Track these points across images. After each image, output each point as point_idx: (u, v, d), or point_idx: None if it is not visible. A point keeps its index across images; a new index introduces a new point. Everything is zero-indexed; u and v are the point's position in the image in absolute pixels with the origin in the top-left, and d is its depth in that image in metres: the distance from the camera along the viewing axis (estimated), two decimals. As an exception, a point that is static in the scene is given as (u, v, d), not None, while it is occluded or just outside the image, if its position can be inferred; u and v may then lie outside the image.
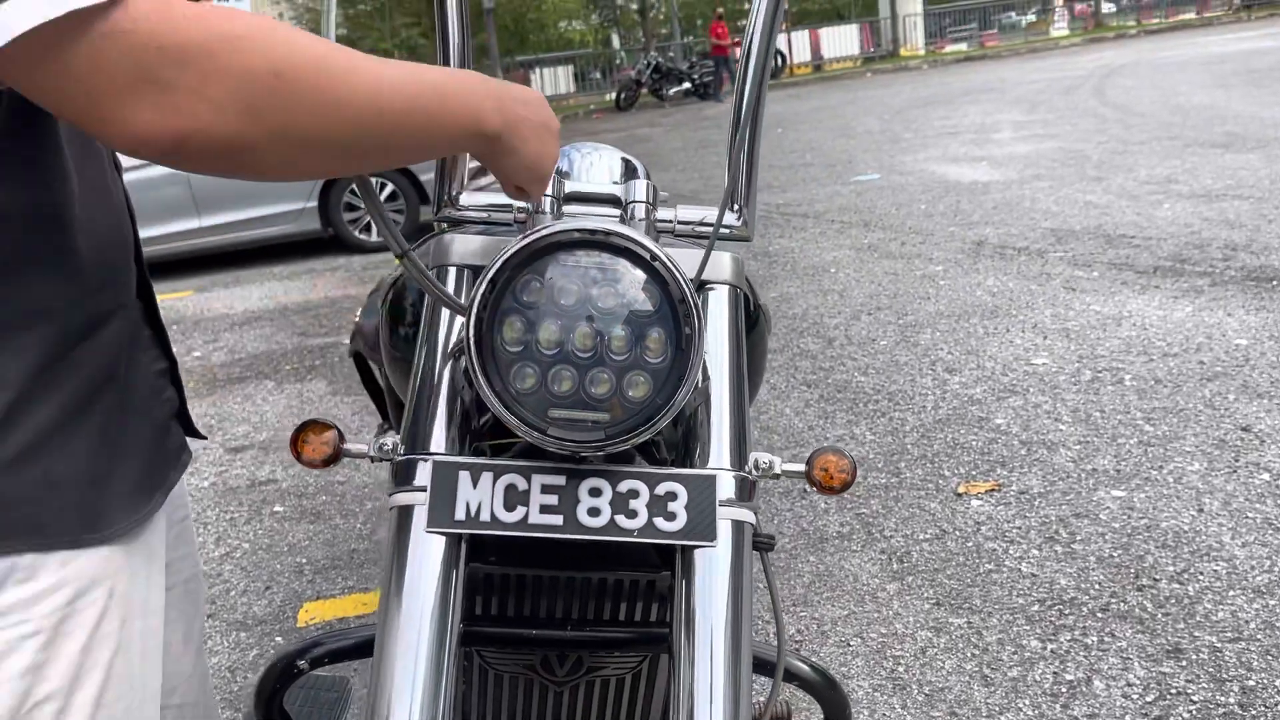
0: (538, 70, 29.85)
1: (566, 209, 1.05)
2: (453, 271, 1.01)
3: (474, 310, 0.85)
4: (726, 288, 1.02)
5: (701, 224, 1.08)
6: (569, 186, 1.06)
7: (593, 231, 0.87)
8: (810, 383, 3.72)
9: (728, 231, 1.07)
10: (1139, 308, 4.10)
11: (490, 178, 1.17)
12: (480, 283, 0.86)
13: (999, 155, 8.58)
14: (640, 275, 0.88)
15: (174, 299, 6.56)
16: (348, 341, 5.15)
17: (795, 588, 2.38)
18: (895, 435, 3.17)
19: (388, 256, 7.37)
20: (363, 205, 7.55)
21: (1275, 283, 4.17)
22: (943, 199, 6.93)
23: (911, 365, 3.78)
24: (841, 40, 27.66)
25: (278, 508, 3.16)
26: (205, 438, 1.03)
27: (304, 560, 2.79)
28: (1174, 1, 38.56)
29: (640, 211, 1.02)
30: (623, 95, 21.42)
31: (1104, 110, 10.92)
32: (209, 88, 0.57)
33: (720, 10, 24.71)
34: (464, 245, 1.02)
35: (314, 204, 7.46)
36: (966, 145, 9.45)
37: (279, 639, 2.41)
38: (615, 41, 40.98)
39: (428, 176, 7.49)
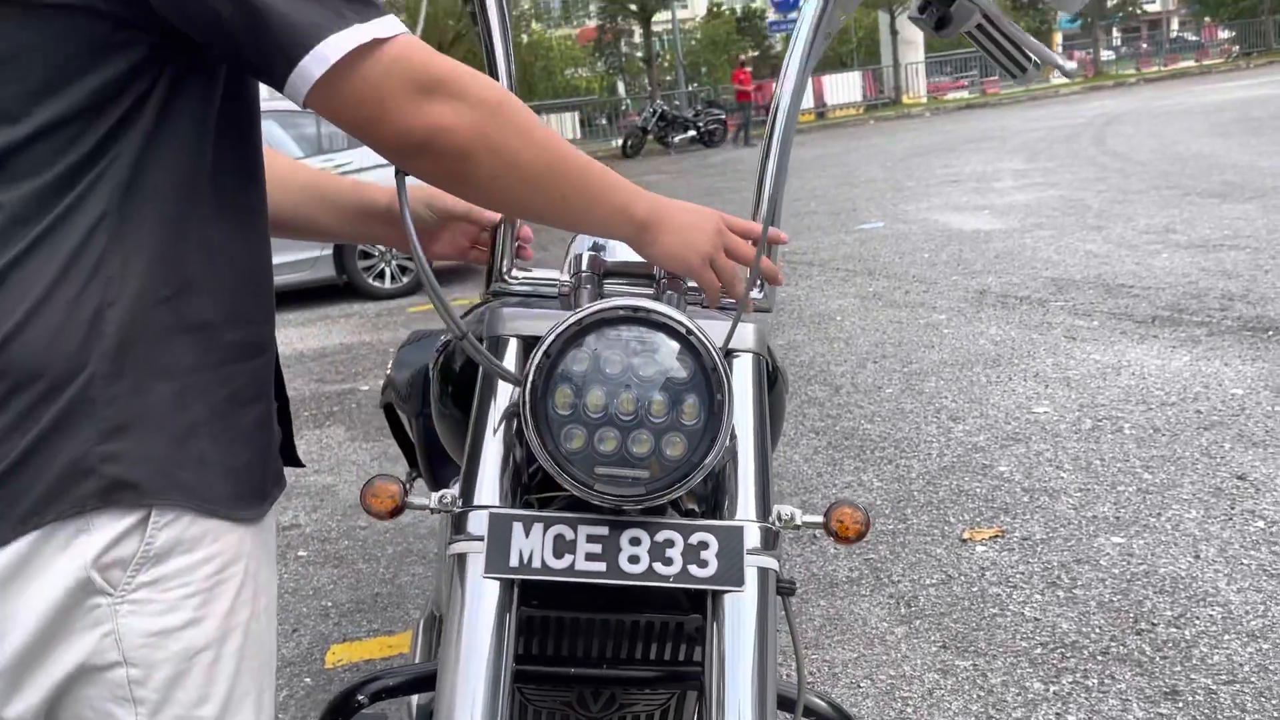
0: (545, 117, 30.29)
1: (606, 283, 1.17)
2: (511, 344, 1.12)
3: (529, 379, 0.96)
4: (751, 355, 1.13)
5: (726, 297, 1.19)
6: (608, 263, 1.17)
7: (634, 309, 0.98)
8: (818, 430, 3.82)
9: (751, 304, 1.18)
10: (1138, 357, 4.21)
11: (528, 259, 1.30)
12: (535, 355, 0.97)
13: (1000, 204, 8.74)
14: (675, 346, 0.99)
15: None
16: (366, 388, 5.23)
17: (807, 631, 2.47)
18: (902, 482, 3.27)
19: (400, 304, 7.51)
20: (377, 254, 7.71)
21: (1270, 333, 4.28)
22: (945, 247, 7.07)
23: (917, 413, 3.88)
24: (845, 87, 28.07)
25: (302, 552, 3.25)
26: (304, 465, 1.16)
27: (329, 604, 2.88)
28: (1173, 49, 39.09)
29: (674, 287, 1.14)
30: (629, 142, 21.72)
31: (1104, 158, 11.11)
32: (455, 101, 0.82)
33: (743, 57, 25.13)
34: (516, 317, 1.13)
35: (329, 252, 7.61)
36: (968, 194, 9.62)
37: (308, 680, 2.50)
38: (621, 88, 41.58)
39: (441, 225, 7.64)
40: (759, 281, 1.19)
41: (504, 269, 1.20)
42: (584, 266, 1.17)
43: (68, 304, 0.78)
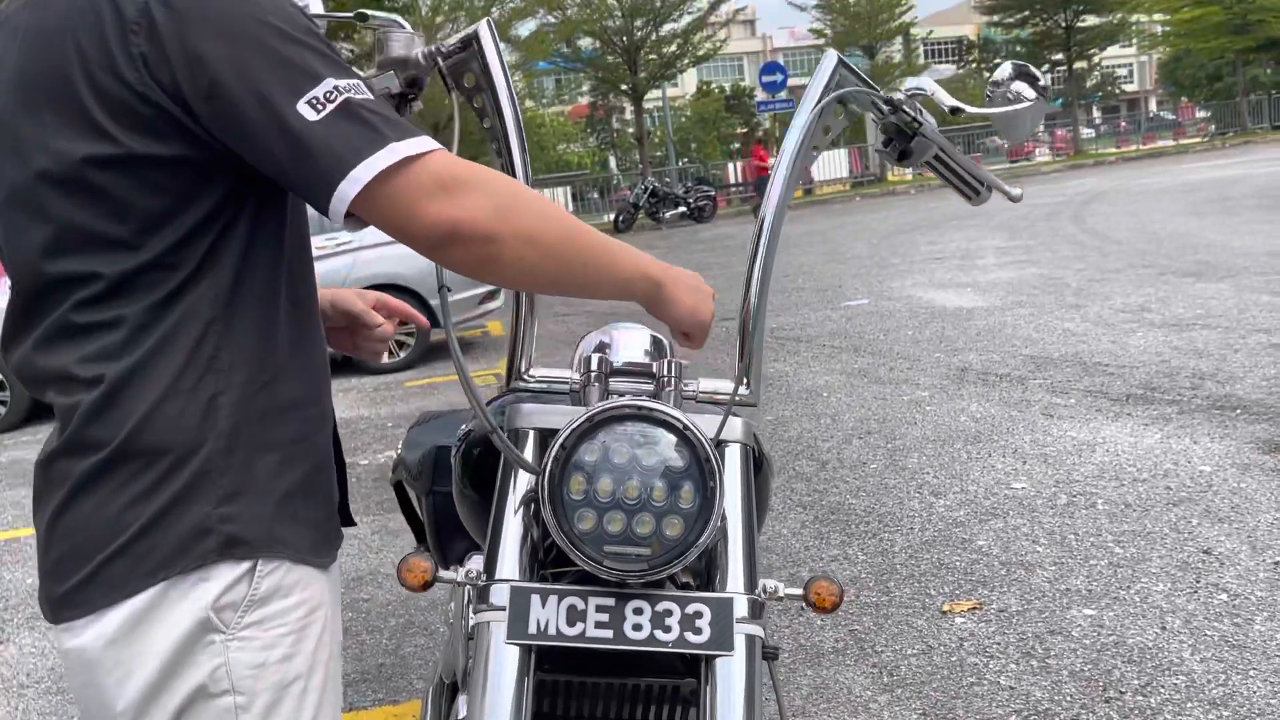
0: (538, 190, 30.75)
1: (612, 382, 1.33)
2: (528, 436, 1.28)
3: (547, 470, 1.12)
4: (739, 446, 1.29)
5: (717, 393, 1.36)
6: (613, 363, 1.34)
7: (639, 407, 1.15)
8: (805, 504, 3.97)
9: (739, 399, 1.35)
10: (1112, 434, 4.38)
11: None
12: (552, 447, 1.13)
13: (983, 281, 9.00)
14: (674, 439, 1.15)
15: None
16: (365, 462, 5.34)
17: (794, 699, 2.59)
18: (885, 555, 3.40)
19: (398, 379, 7.67)
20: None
21: (1237, 411, 4.47)
22: (929, 325, 7.28)
23: (900, 488, 4.03)
24: (832, 164, 28.65)
25: (307, 623, 3.35)
26: (356, 524, 1.32)
27: (335, 673, 2.98)
28: (1151, 128, 40.02)
29: (670, 384, 1.31)
30: (621, 218, 22.13)
31: (1083, 236, 11.43)
32: (477, 196, 0.95)
33: (761, 134, 25.80)
34: (534, 413, 1.29)
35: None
36: (952, 270, 9.88)
37: (316, 747, 2.59)
38: (613, 163, 42.33)
39: (438, 302, 7.83)
40: (745, 378, 1.35)
41: (522, 368, 1.37)
42: (592, 367, 1.33)
43: (187, 394, 0.97)
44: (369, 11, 1.32)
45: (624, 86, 27.76)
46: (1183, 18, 31.60)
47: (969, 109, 1.36)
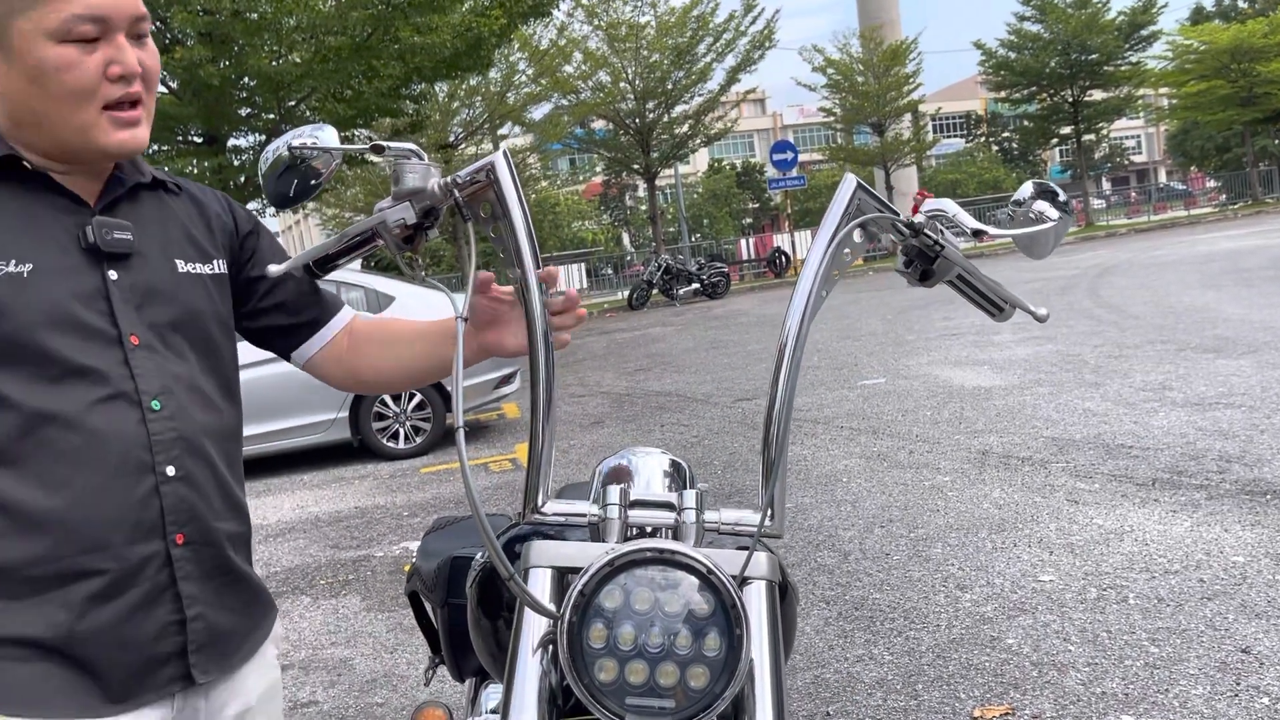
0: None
1: (631, 514, 1.29)
2: (545, 574, 1.24)
3: (566, 617, 1.08)
4: (765, 583, 1.25)
5: (740, 524, 1.32)
6: (631, 494, 1.30)
7: (661, 551, 1.11)
8: (829, 599, 3.88)
9: (764, 531, 1.31)
10: (1139, 521, 4.29)
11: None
12: (571, 593, 1.09)
13: (999, 359, 8.95)
14: (697, 582, 1.11)
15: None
16: (381, 554, 5.29)
17: (822, 816, 2.49)
18: (912, 655, 3.31)
19: (414, 464, 7.63)
20: (391, 415, 7.86)
21: (1268, 496, 4.38)
22: (947, 405, 7.22)
23: (924, 581, 3.95)
24: (843, 239, 28.78)
25: (319, 731, 3.28)
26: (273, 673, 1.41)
27: (347, 786, 2.90)
28: (1161, 198, 40.23)
29: (691, 517, 1.27)
30: (635, 295, 22.26)
31: (1099, 311, 11.39)
32: None
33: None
34: (550, 550, 1.25)
35: (344, 414, 7.79)
36: (968, 348, 9.84)
37: None
38: (626, 240, 42.75)
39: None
40: (769, 510, 1.31)
41: (539, 501, 1.33)
42: (611, 499, 1.30)
43: None
44: (385, 144, 1.31)
45: (636, 166, 28.14)
46: (1189, 91, 31.97)
47: (992, 230, 1.34)
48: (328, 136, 1.36)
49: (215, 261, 1.35)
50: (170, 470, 1.21)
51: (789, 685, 3.05)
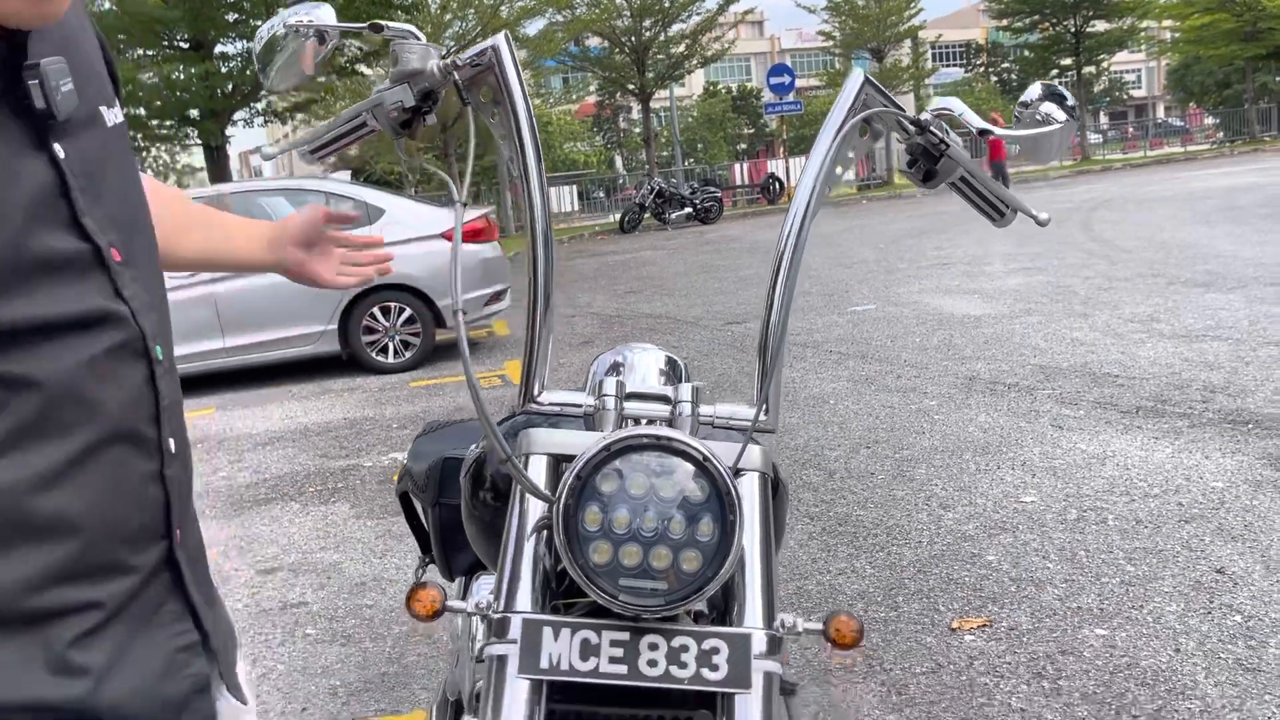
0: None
1: (627, 406, 1.30)
2: (541, 461, 1.24)
3: (562, 499, 1.09)
4: (757, 474, 1.26)
5: (732, 419, 1.33)
6: (628, 386, 1.31)
7: (657, 437, 1.11)
8: (813, 515, 3.93)
9: (758, 426, 1.31)
10: (1122, 447, 4.34)
11: None
12: (568, 477, 1.10)
13: (990, 288, 8.95)
14: (692, 469, 1.12)
15: (196, 416, 6.80)
16: (370, 464, 5.32)
17: (803, 718, 2.55)
18: (893, 570, 3.37)
19: (403, 379, 7.64)
20: (381, 330, 7.85)
21: (1250, 426, 4.43)
22: (936, 332, 7.24)
23: (908, 500, 4.00)
24: (838, 167, 28.56)
25: (309, 630, 3.33)
26: (246, 703, 1.01)
27: (337, 683, 2.96)
28: (1158, 134, 39.91)
29: (686, 410, 1.28)
30: (626, 218, 22.09)
31: (1091, 245, 11.37)
32: None
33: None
34: (547, 438, 1.26)
35: (334, 326, 7.77)
36: (959, 277, 9.84)
37: (317, 759, 2.57)
38: (619, 163, 42.32)
39: (445, 303, 7.82)
40: (764, 405, 1.32)
41: (535, 391, 1.34)
42: (607, 391, 1.30)
43: None
44: (383, 23, 1.28)
45: (631, 86, 27.72)
46: (1193, 24, 31.52)
47: (997, 130, 1.33)
48: (325, 14, 1.32)
49: (118, 104, 0.91)
50: (172, 445, 0.87)
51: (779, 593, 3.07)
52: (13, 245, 0.72)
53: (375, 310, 7.85)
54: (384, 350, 7.92)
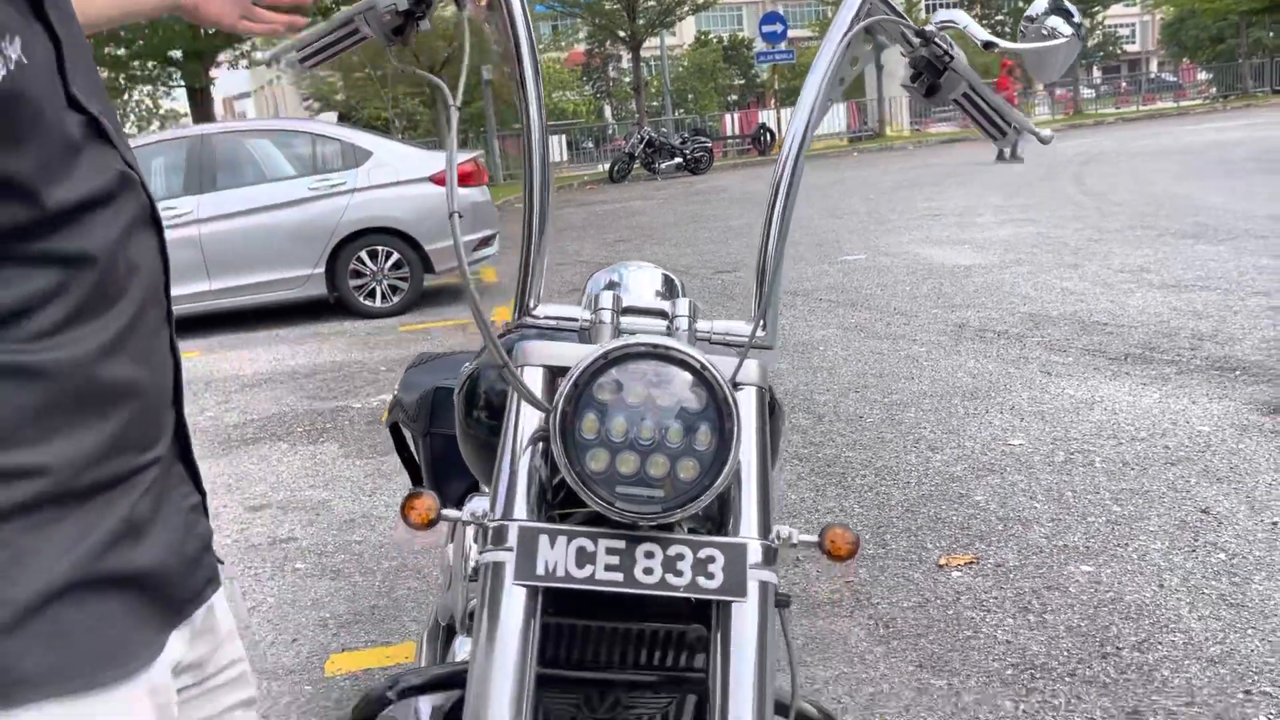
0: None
1: (623, 320, 1.28)
2: (538, 372, 1.23)
3: (559, 407, 1.08)
4: (755, 389, 1.25)
5: (729, 334, 1.32)
6: (624, 301, 1.29)
7: (656, 346, 1.10)
8: (802, 457, 3.95)
9: (755, 342, 1.30)
10: (1110, 393, 4.36)
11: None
12: (565, 384, 1.09)
13: (980, 239, 8.94)
14: (690, 379, 1.11)
15: (182, 358, 6.75)
16: (358, 406, 5.31)
17: (786, 659, 2.57)
18: (882, 509, 3.39)
19: (391, 323, 7.60)
20: (369, 274, 7.80)
21: (1237, 372, 4.45)
22: (926, 281, 7.23)
23: (896, 442, 4.01)
24: (829, 118, 28.37)
25: (299, 565, 3.34)
26: (223, 563, 1.03)
27: (327, 615, 2.97)
28: (1151, 89, 39.74)
29: (684, 324, 1.26)
30: (616, 168, 21.91)
31: (1082, 197, 11.35)
32: None
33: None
34: (544, 349, 1.24)
35: (321, 270, 7.71)
36: (950, 228, 9.81)
37: (308, 688, 2.58)
38: (608, 113, 41.91)
39: (432, 247, 7.77)
40: (762, 320, 1.31)
41: (530, 304, 1.32)
42: (603, 304, 1.29)
43: None
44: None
45: (621, 34, 27.36)
46: (1188, -23, 31.23)
47: (1002, 43, 1.31)
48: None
49: None
50: (174, 312, 0.91)
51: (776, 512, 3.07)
52: (59, 124, 0.73)
53: (363, 254, 7.78)
54: (371, 294, 7.87)
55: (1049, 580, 2.81)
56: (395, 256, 7.83)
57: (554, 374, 1.24)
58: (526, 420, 1.22)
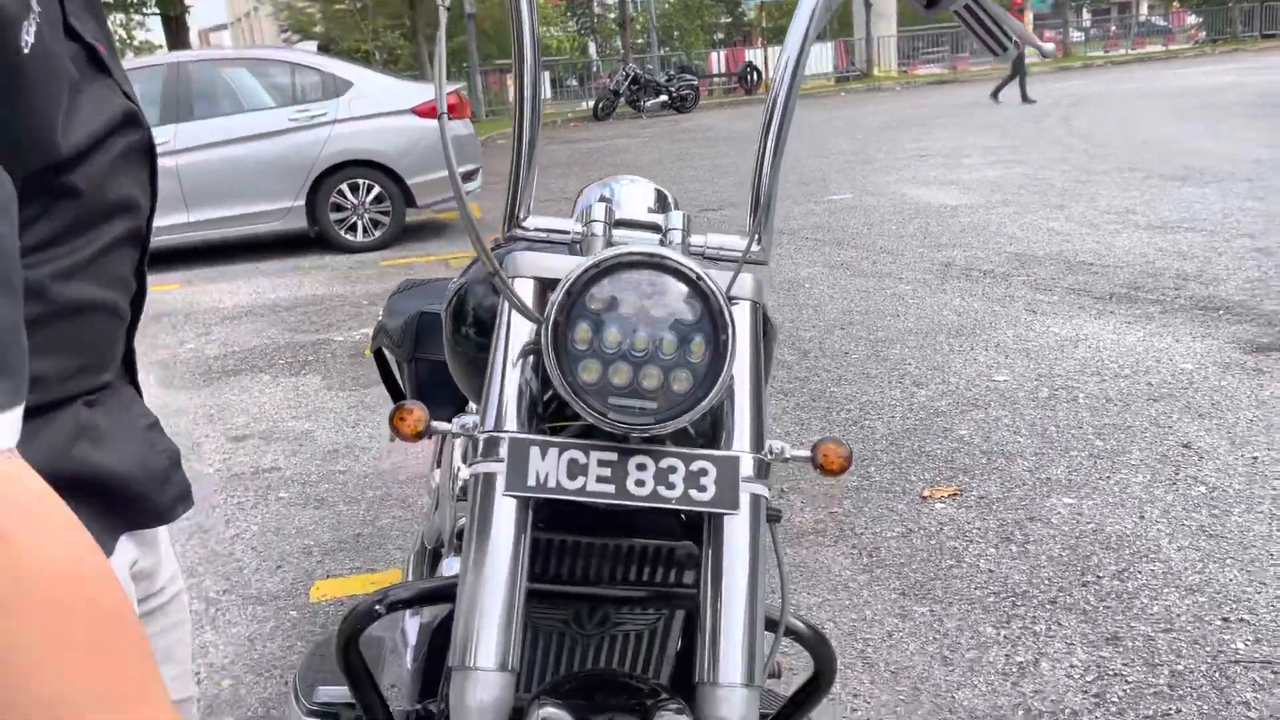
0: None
1: (616, 233, 1.26)
2: (529, 284, 1.21)
3: (551, 317, 1.06)
4: (749, 303, 1.23)
5: (723, 249, 1.29)
6: (617, 214, 1.27)
7: (650, 254, 1.08)
8: (787, 391, 3.95)
9: (750, 256, 1.28)
10: (1094, 331, 4.37)
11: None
12: (557, 294, 1.06)
13: (968, 180, 8.89)
14: (685, 290, 1.09)
15: (161, 291, 6.67)
16: (340, 339, 5.27)
17: (775, 576, 2.59)
18: (866, 442, 3.40)
19: (373, 258, 7.52)
20: (349, 208, 7.70)
21: (1220, 312, 4.46)
22: (912, 220, 7.20)
23: (881, 377, 4.02)
24: (816, 58, 28.06)
25: (283, 494, 3.33)
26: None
27: (312, 542, 2.97)
28: (1141, 32, 39.44)
29: (677, 237, 1.24)
30: (600, 105, 21.64)
31: (1070, 139, 11.30)
32: None
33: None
34: (534, 261, 1.22)
35: (301, 202, 7.60)
36: (936, 168, 9.76)
37: (294, 613, 2.59)
38: (592, 50, 41.27)
39: (415, 181, 7.66)
40: (757, 236, 1.29)
41: (520, 216, 1.29)
42: (596, 216, 1.26)
43: None
44: None
45: (607, -32, 26.83)
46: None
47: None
48: None
49: None
50: (151, 244, 0.90)
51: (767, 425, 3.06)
52: (64, 67, 0.70)
53: (344, 187, 7.67)
54: (353, 229, 7.77)
55: (1031, 512, 2.83)
56: (377, 190, 7.73)
57: (545, 286, 1.21)
58: (517, 333, 1.20)
